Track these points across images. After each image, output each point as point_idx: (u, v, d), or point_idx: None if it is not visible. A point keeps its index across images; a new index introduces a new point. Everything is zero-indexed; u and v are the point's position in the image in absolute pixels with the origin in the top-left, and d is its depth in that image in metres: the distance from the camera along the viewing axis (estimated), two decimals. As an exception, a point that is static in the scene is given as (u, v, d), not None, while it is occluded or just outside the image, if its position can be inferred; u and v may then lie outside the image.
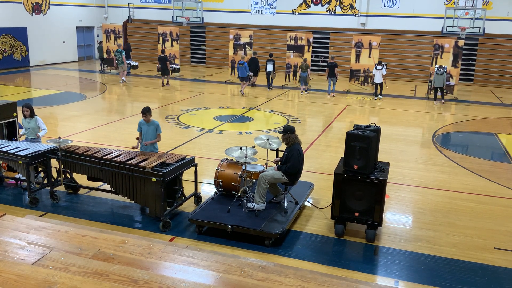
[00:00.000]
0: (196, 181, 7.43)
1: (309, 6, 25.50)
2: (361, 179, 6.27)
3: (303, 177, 7.33)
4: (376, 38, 20.10)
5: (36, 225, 2.93)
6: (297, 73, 20.25)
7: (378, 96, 18.01)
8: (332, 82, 18.26)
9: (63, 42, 26.48)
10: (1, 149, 7.52)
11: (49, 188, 7.54)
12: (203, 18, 26.40)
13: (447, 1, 23.32)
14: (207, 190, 8.06)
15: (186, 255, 2.65)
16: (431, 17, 23.42)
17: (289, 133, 6.76)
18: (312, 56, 22.75)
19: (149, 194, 6.62)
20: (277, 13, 26.06)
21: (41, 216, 6.75)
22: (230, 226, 6.24)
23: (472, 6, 22.48)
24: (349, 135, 6.30)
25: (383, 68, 17.66)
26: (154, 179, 6.48)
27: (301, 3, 25.60)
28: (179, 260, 2.59)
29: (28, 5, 24.02)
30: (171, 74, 20.31)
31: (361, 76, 20.28)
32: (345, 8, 24.94)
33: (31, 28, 24.22)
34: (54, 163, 7.67)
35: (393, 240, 6.50)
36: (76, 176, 7.77)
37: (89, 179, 7.49)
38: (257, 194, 6.68)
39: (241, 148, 6.94)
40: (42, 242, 2.72)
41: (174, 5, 26.79)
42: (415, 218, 7.33)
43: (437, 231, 6.81)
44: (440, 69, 17.07)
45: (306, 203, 7.56)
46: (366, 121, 13.98)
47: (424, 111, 16.29)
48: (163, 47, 22.12)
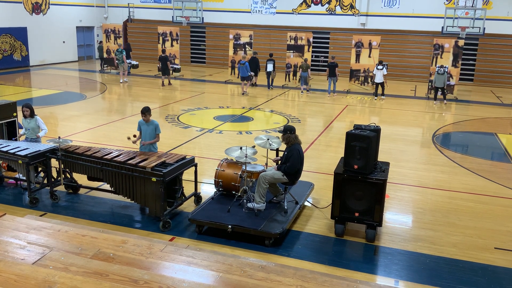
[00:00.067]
0: (196, 181, 7.43)
1: (309, 6, 25.49)
2: (361, 179, 6.27)
3: (303, 177, 7.33)
4: (376, 38, 20.09)
5: (36, 225, 2.93)
6: (297, 73, 20.24)
7: (380, 96, 18.01)
8: (332, 82, 18.26)
9: (63, 42, 26.47)
10: (1, 149, 7.52)
11: (49, 188, 7.54)
12: (203, 18, 26.39)
13: (447, 1, 23.31)
14: (207, 190, 8.06)
15: (186, 255, 2.65)
16: (431, 17, 23.41)
17: (289, 133, 6.76)
18: (312, 56, 22.73)
19: (149, 194, 6.63)
20: (277, 13, 26.06)
21: (41, 216, 6.75)
22: (230, 226, 6.24)
23: (472, 6, 22.47)
24: (349, 135, 6.30)
25: (384, 68, 17.65)
26: (154, 179, 6.48)
27: (301, 3, 25.59)
28: (179, 260, 2.59)
29: (28, 5, 24.02)
30: (171, 74, 20.32)
31: (361, 76, 20.27)
32: (345, 8, 24.94)
33: (31, 28, 24.21)
34: (54, 163, 7.67)
35: (393, 240, 6.50)
36: (76, 176, 7.77)
37: (89, 179, 7.50)
38: (257, 194, 6.68)
39: (241, 148, 6.94)
40: (42, 242, 2.72)
41: (174, 5, 26.78)
42: (415, 218, 7.33)
43: (437, 231, 6.81)
44: (441, 69, 17.06)
45: (306, 203, 7.56)
46: (366, 121, 13.97)
47: (424, 111, 16.29)
48: (163, 47, 22.12)
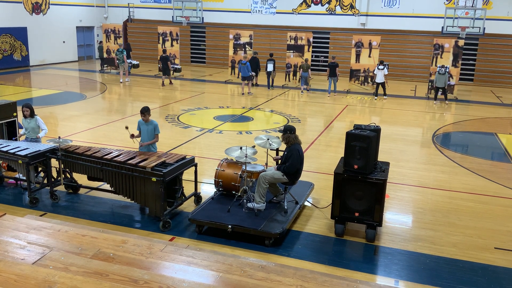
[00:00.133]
0: (196, 181, 7.43)
1: (309, 6, 25.49)
2: (361, 179, 6.27)
3: (303, 177, 7.33)
4: (376, 38, 20.08)
5: (36, 225, 2.93)
6: (298, 73, 20.24)
7: (382, 96, 18.00)
8: (332, 82, 18.26)
9: (63, 42, 26.47)
10: (1, 149, 7.52)
11: (49, 188, 7.54)
12: (203, 18, 26.39)
13: (447, 1, 23.31)
14: (207, 190, 8.06)
15: (186, 255, 2.65)
16: (431, 17, 23.41)
17: (289, 132, 6.76)
18: (312, 56, 22.73)
19: (149, 194, 6.63)
20: (277, 13, 26.05)
21: (41, 216, 6.75)
22: (230, 226, 6.24)
23: (472, 6, 22.47)
24: (349, 135, 6.30)
25: (385, 68, 17.64)
26: (154, 179, 6.48)
27: (301, 3, 25.59)
28: (179, 260, 2.59)
29: (28, 5, 24.01)
30: (172, 74, 20.31)
31: (361, 76, 20.26)
32: (345, 8, 24.93)
33: (31, 28, 24.20)
34: (54, 163, 7.67)
35: (393, 240, 6.50)
36: (76, 176, 7.77)
37: (89, 179, 7.49)
38: (257, 194, 6.68)
39: (241, 148, 6.94)
40: (42, 242, 2.72)
41: (174, 5, 26.77)
42: (415, 218, 7.33)
43: (437, 231, 6.81)
44: (442, 69, 17.05)
45: (306, 203, 7.56)
46: (366, 121, 13.97)
47: (424, 111, 16.28)
48: (163, 47, 22.11)
